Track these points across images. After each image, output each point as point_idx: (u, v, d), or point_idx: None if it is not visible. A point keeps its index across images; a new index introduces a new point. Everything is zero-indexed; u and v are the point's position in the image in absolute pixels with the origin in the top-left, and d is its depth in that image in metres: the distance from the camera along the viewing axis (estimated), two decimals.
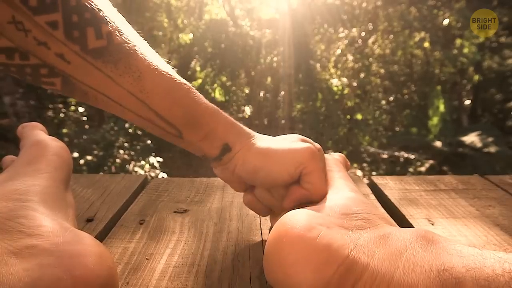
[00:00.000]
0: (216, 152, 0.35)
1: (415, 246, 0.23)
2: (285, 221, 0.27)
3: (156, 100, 0.31)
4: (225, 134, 0.34)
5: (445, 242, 0.23)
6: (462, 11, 5.44)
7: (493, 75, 6.06)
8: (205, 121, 0.34)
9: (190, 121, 0.33)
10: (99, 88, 0.29)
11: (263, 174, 0.34)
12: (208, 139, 0.34)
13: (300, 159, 0.33)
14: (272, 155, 0.34)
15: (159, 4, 6.38)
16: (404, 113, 6.42)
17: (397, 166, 5.25)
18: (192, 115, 0.33)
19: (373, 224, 0.27)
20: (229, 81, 6.19)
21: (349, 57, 6.25)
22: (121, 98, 0.30)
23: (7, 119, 3.95)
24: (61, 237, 0.25)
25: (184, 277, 0.33)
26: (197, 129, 0.33)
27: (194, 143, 0.34)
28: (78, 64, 0.28)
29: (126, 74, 0.29)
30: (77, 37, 0.27)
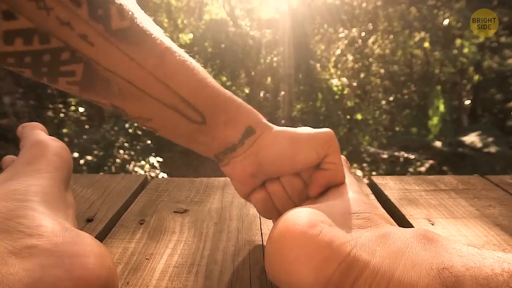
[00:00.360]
0: (239, 135, 0.34)
1: (415, 244, 0.23)
2: (287, 218, 0.27)
3: (180, 82, 0.30)
4: (248, 116, 0.34)
5: (445, 241, 0.23)
6: (462, 11, 5.44)
7: (493, 75, 6.06)
8: (227, 103, 0.33)
9: (213, 104, 0.32)
10: (123, 73, 0.28)
11: (290, 156, 0.33)
12: (231, 123, 0.33)
13: (326, 139, 0.33)
14: (298, 137, 0.33)
15: (159, 4, 6.38)
16: (404, 113, 6.42)
17: (397, 166, 5.25)
18: (215, 97, 0.32)
19: (374, 223, 0.27)
20: (229, 81, 6.19)
21: (349, 57, 6.25)
22: (146, 83, 0.29)
23: (7, 119, 3.95)
24: (61, 237, 0.25)
25: (184, 277, 0.33)
26: (221, 112, 0.33)
27: (216, 128, 0.33)
28: (102, 46, 0.26)
29: (150, 57, 0.28)
30: (101, 16, 0.26)
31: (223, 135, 0.34)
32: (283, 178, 0.35)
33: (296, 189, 0.35)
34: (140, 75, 0.28)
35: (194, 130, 0.33)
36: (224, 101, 0.33)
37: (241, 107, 0.34)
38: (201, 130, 0.33)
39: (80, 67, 0.27)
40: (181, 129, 0.33)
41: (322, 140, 0.33)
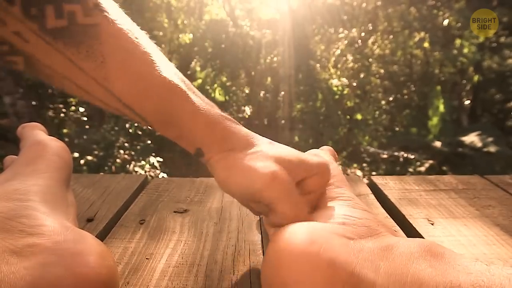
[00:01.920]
0: (193, 151, 0.32)
1: (421, 260, 0.22)
2: (283, 235, 0.25)
3: (122, 90, 0.28)
4: (201, 138, 0.31)
5: (451, 256, 0.22)
6: (462, 11, 5.44)
7: (493, 75, 6.06)
8: (180, 121, 0.30)
9: (162, 119, 0.30)
10: (63, 71, 0.27)
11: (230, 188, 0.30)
12: (183, 139, 0.31)
13: (255, 187, 0.28)
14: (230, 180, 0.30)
15: (159, 5, 6.37)
16: (404, 113, 6.42)
17: (397, 166, 5.25)
18: (164, 112, 0.29)
19: (374, 232, 0.26)
20: (229, 81, 6.19)
21: (349, 57, 6.25)
22: (86, 84, 0.28)
23: (7, 119, 3.95)
24: (62, 236, 0.25)
25: (184, 277, 0.33)
26: (170, 127, 0.31)
27: (172, 137, 0.32)
28: (38, 44, 0.26)
29: (89, 59, 0.27)
30: (35, 15, 0.25)
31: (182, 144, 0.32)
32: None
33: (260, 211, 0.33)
34: (80, 76, 0.28)
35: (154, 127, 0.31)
36: (175, 117, 0.30)
37: (199, 126, 0.30)
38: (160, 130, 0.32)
39: (21, 60, 0.27)
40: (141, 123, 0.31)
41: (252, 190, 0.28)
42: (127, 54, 0.28)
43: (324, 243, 0.23)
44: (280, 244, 0.24)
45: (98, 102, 0.29)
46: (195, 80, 5.85)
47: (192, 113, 0.30)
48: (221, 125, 0.31)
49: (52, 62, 0.27)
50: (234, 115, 6.38)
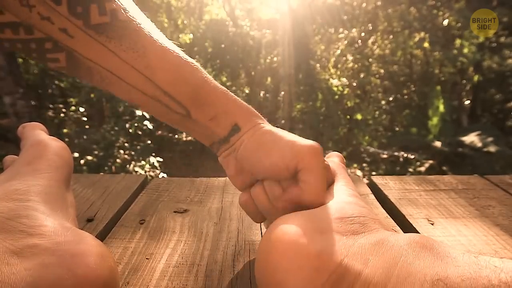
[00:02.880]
0: (225, 132, 0.34)
1: (410, 253, 0.22)
2: (277, 226, 0.26)
3: (162, 76, 0.30)
4: (235, 114, 0.33)
5: (440, 248, 0.23)
6: (462, 11, 5.44)
7: (493, 75, 6.06)
8: (214, 99, 0.33)
9: (198, 99, 0.32)
10: (103, 63, 0.29)
11: (259, 159, 0.32)
12: (217, 119, 0.33)
13: (299, 151, 0.30)
14: (274, 139, 0.32)
15: (159, 4, 6.38)
16: (404, 113, 6.42)
17: (397, 166, 5.25)
18: (200, 93, 0.32)
19: (368, 228, 0.26)
20: (229, 81, 6.19)
21: (349, 57, 6.25)
22: (126, 74, 0.30)
23: (7, 119, 3.95)
24: (62, 237, 0.25)
25: (184, 277, 0.33)
26: (205, 108, 0.33)
27: (202, 122, 0.33)
28: (81, 39, 0.28)
29: (131, 50, 0.29)
30: (80, 12, 0.28)
31: (209, 130, 0.34)
32: (266, 182, 0.33)
33: (275, 196, 0.32)
34: (120, 66, 0.29)
35: (180, 119, 0.33)
36: (209, 96, 0.32)
37: (231, 103, 0.33)
38: (188, 121, 0.33)
39: (63, 55, 0.29)
40: (168, 117, 0.33)
41: (296, 150, 0.30)
42: (162, 45, 0.31)
43: (315, 236, 0.24)
44: (273, 234, 0.26)
45: (136, 93, 0.31)
46: None
47: (224, 92, 0.33)
48: (242, 101, 0.35)
49: (94, 55, 0.29)
50: None
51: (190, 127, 0.34)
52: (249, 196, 0.35)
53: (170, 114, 0.33)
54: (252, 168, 0.33)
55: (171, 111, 0.32)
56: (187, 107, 0.32)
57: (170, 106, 0.32)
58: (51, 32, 0.28)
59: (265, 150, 0.32)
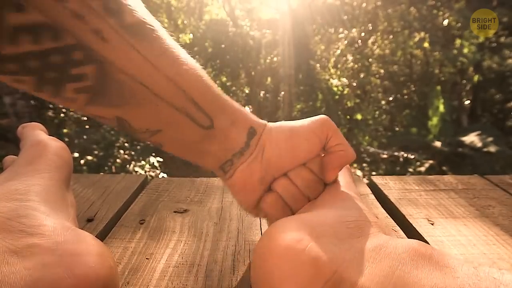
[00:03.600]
0: (243, 138, 0.33)
1: (408, 262, 0.22)
2: (273, 231, 0.26)
3: (191, 83, 0.29)
4: (248, 117, 0.33)
5: (439, 257, 0.22)
6: (462, 11, 5.44)
7: (493, 75, 6.06)
8: (230, 104, 0.32)
9: (219, 105, 0.31)
10: (136, 72, 0.26)
11: (293, 148, 0.33)
12: (236, 124, 0.32)
13: (323, 123, 0.33)
14: (296, 128, 0.33)
15: (159, 4, 6.38)
16: (404, 113, 6.42)
17: (397, 166, 5.25)
18: (219, 98, 0.31)
19: (366, 232, 0.26)
20: (229, 81, 6.19)
21: (349, 57, 6.25)
22: (159, 85, 0.27)
23: (7, 119, 3.95)
24: (62, 236, 0.25)
25: (184, 277, 0.33)
26: (226, 113, 0.32)
27: (223, 131, 0.32)
28: (115, 43, 0.25)
29: (162, 55, 0.27)
30: (114, 9, 0.24)
31: (230, 139, 0.32)
32: (291, 173, 0.33)
33: (306, 180, 0.33)
34: (152, 74, 0.27)
35: (202, 136, 0.31)
36: (227, 102, 0.32)
37: (241, 107, 0.33)
38: (209, 136, 0.32)
39: (93, 70, 0.25)
40: (189, 137, 0.31)
41: (320, 125, 0.33)
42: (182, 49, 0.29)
43: (311, 241, 0.24)
44: (269, 239, 0.25)
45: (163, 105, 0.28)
46: None
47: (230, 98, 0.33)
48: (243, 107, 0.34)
49: (127, 63, 0.26)
50: None
51: (206, 147, 0.32)
52: (276, 195, 0.33)
53: (192, 130, 0.31)
54: (284, 162, 0.33)
55: (195, 125, 0.30)
56: (211, 115, 0.31)
57: (196, 118, 0.30)
58: (83, 35, 0.23)
59: (294, 137, 0.33)
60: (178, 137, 0.31)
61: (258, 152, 0.33)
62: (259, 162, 0.33)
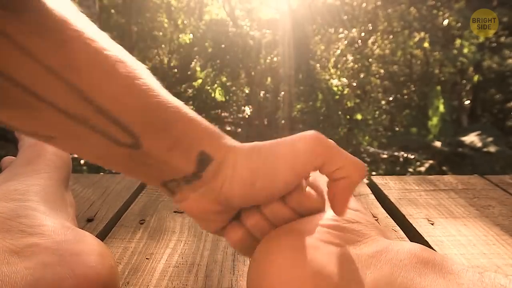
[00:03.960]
0: (192, 166, 0.24)
1: (410, 269, 0.21)
2: (270, 243, 0.24)
3: (96, 84, 0.20)
4: (200, 138, 0.24)
5: (443, 262, 0.22)
6: (462, 11, 5.44)
7: (493, 75, 6.06)
8: (171, 120, 0.23)
9: (150, 120, 0.22)
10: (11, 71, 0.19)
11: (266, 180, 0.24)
12: (179, 148, 0.24)
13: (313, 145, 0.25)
14: (276, 152, 0.25)
15: (159, 5, 6.38)
16: (404, 113, 6.42)
17: (397, 166, 5.24)
18: (154, 110, 0.22)
19: (364, 236, 0.25)
20: (229, 81, 6.18)
21: (349, 57, 6.25)
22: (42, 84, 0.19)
23: None
24: (62, 236, 0.25)
25: (184, 277, 0.33)
26: (162, 132, 0.23)
27: (157, 155, 0.23)
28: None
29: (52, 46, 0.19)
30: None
31: (168, 166, 0.24)
32: (265, 208, 0.26)
33: (283, 218, 0.26)
34: (34, 72, 0.19)
35: (122, 156, 0.23)
36: (166, 116, 0.23)
37: (191, 124, 0.24)
38: (133, 157, 0.23)
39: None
40: (99, 152, 0.23)
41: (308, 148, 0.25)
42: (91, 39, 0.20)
43: (310, 253, 0.22)
44: (268, 251, 0.24)
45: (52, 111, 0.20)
46: (195, 80, 5.85)
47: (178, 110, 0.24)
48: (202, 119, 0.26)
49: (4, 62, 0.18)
50: (234, 115, 6.39)
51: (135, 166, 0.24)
52: (243, 231, 0.27)
53: (102, 146, 0.22)
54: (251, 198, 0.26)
55: (105, 140, 0.22)
56: (136, 133, 0.22)
57: (111, 134, 0.21)
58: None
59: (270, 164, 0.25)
60: (83, 148, 0.23)
61: (215, 187, 0.25)
62: (214, 198, 0.25)
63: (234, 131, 6.30)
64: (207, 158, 0.25)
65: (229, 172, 0.25)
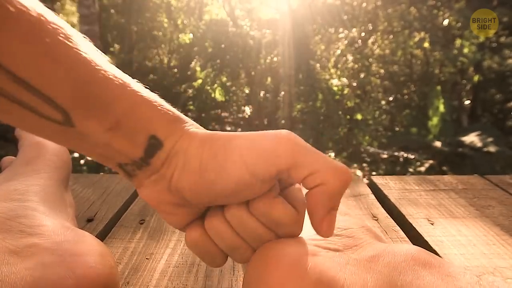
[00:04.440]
0: (139, 151, 0.22)
1: (408, 272, 0.21)
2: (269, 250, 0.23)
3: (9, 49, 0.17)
4: (150, 119, 0.21)
5: (439, 265, 0.22)
6: (462, 11, 5.44)
7: (493, 75, 6.06)
8: (112, 98, 0.20)
9: (83, 95, 0.19)
10: None
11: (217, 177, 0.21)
12: (122, 130, 0.21)
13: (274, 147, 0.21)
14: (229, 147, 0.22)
15: (159, 4, 6.38)
16: (404, 113, 6.42)
17: (397, 166, 5.24)
18: (87, 84, 0.19)
19: (359, 241, 0.25)
20: (229, 81, 6.18)
21: (349, 57, 6.25)
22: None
23: None
24: (62, 236, 0.25)
25: (184, 277, 0.33)
26: (98, 110, 0.20)
27: (95, 136, 0.20)
28: None
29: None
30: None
31: (111, 149, 0.21)
32: (227, 210, 0.23)
33: (246, 227, 0.24)
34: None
35: (58, 132, 0.20)
36: (104, 93, 0.20)
37: (139, 104, 0.21)
38: (70, 134, 0.20)
39: None
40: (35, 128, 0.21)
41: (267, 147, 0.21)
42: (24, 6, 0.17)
43: (311, 259, 0.22)
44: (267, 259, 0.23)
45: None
46: (195, 80, 5.86)
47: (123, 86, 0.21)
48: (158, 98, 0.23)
49: None
50: (234, 115, 6.39)
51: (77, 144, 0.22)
52: (201, 232, 0.24)
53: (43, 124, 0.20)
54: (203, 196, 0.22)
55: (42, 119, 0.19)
56: (66, 109, 0.19)
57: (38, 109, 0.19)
58: None
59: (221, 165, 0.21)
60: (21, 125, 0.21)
61: (167, 172, 0.22)
62: (166, 186, 0.23)
63: (234, 131, 6.28)
64: (157, 143, 0.22)
65: (180, 161, 0.22)
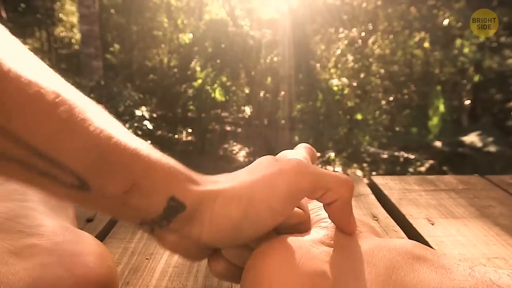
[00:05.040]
0: (159, 210, 0.22)
1: (402, 265, 0.22)
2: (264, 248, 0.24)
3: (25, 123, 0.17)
4: (168, 180, 0.22)
5: (434, 258, 0.22)
6: (462, 11, 5.44)
7: (493, 75, 6.06)
8: (128, 161, 0.21)
9: (97, 162, 0.20)
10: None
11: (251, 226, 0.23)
12: (140, 191, 0.21)
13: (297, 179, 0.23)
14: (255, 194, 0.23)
15: (159, 4, 6.38)
16: (404, 113, 6.42)
17: (397, 166, 5.25)
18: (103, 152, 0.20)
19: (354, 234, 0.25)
20: (229, 81, 6.19)
21: (349, 57, 6.25)
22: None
23: None
24: (61, 237, 0.25)
25: (184, 277, 0.33)
26: (115, 174, 0.20)
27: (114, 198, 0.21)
28: None
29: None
30: None
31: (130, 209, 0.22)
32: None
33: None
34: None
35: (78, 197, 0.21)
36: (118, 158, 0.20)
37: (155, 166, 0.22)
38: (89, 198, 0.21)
39: None
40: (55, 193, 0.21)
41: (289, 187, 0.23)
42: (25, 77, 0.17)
43: (304, 253, 0.23)
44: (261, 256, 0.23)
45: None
46: (195, 80, 5.86)
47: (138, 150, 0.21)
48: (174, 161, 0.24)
49: None
50: (234, 115, 6.39)
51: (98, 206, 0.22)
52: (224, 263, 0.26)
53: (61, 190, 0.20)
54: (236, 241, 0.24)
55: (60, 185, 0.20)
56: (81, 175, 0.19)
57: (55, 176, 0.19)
58: None
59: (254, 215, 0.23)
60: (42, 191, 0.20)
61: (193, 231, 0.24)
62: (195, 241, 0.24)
63: (234, 131, 6.30)
64: (178, 204, 0.22)
65: (205, 220, 0.23)
